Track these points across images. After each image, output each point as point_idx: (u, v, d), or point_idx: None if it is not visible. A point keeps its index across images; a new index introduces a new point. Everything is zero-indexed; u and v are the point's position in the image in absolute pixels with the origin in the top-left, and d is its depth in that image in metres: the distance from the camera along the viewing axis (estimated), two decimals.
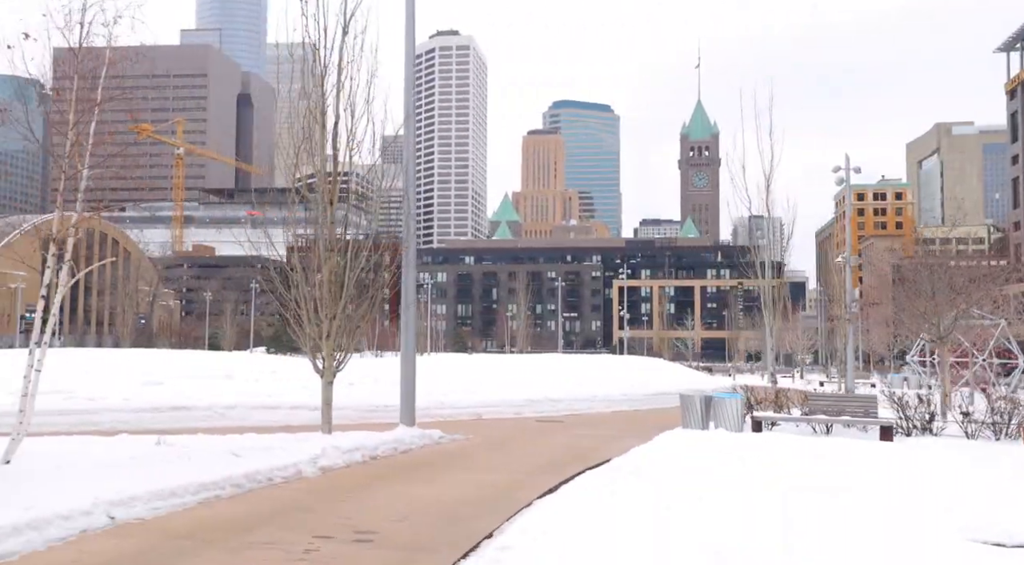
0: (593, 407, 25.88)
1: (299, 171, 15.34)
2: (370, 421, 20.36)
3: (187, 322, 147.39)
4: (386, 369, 24.37)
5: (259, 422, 18.94)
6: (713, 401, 18.25)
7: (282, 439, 14.48)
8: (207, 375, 21.01)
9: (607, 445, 17.12)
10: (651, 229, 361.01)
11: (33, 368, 10.96)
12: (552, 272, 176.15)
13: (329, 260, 15.12)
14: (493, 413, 23.09)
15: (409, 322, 17.21)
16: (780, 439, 16.18)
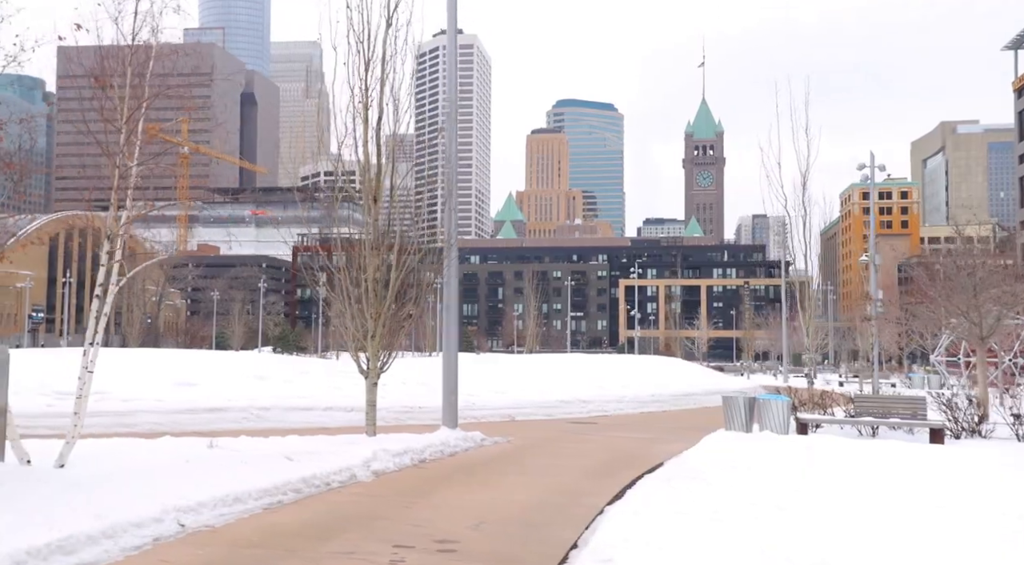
0: (622, 408, 25.59)
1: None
2: (405, 423, 20.09)
3: (193, 322, 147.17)
4: (417, 370, 24.08)
5: (295, 424, 18.65)
6: (758, 403, 17.93)
7: (327, 442, 14.19)
8: (239, 376, 20.71)
9: (651, 448, 16.82)
10: (654, 228, 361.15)
11: (87, 369, 10.67)
12: (558, 271, 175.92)
13: (375, 259, 14.81)
14: (524, 415, 22.79)
15: (451, 324, 16.92)
16: (830, 442, 15.84)
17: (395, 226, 15.26)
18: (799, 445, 15.48)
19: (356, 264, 15.07)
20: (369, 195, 15.02)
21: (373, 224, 15.03)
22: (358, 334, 14.95)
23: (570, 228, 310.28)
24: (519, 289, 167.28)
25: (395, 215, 15.24)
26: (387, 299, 14.84)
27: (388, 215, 15.33)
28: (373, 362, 15.09)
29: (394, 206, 15.23)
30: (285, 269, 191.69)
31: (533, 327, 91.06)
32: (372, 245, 14.95)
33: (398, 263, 14.97)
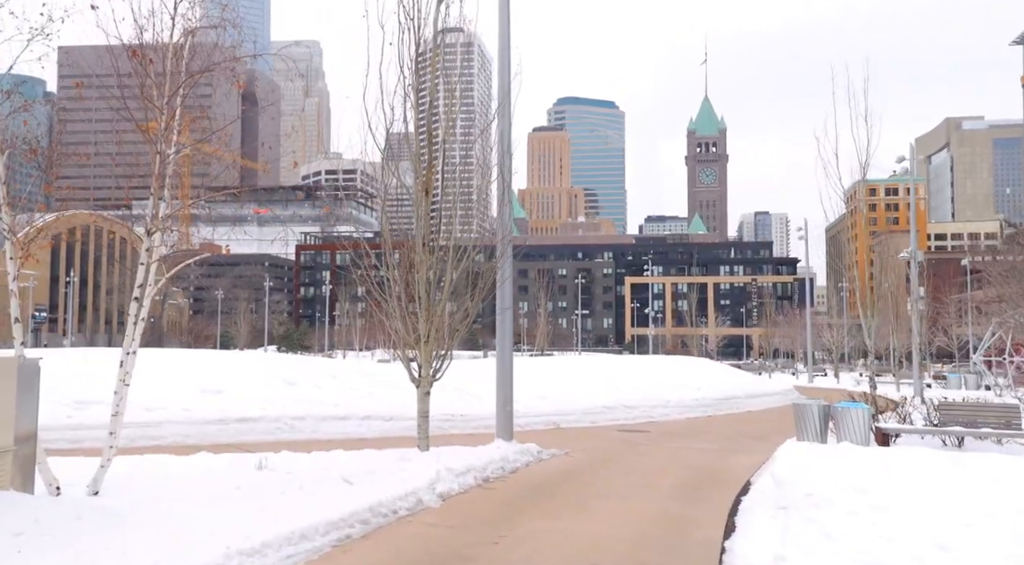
0: (668, 414, 24.23)
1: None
2: (448, 432, 18.73)
3: (197, 321, 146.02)
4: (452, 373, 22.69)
5: (333, 434, 17.31)
6: (836, 412, 16.55)
7: (379, 458, 12.83)
8: (266, 380, 19.32)
9: (725, 462, 15.47)
10: (657, 226, 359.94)
11: (123, 382, 9.33)
12: (563, 269, 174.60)
13: (427, 257, 13.45)
14: (569, 423, 21.44)
15: (506, 328, 15.53)
16: (922, 456, 14.45)
17: (449, 220, 13.88)
18: (890, 459, 14.10)
19: (405, 262, 13.72)
20: (420, 187, 13.66)
21: (425, 219, 13.67)
22: (408, 338, 13.58)
23: (573, 226, 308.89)
24: (524, 287, 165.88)
25: (449, 208, 13.85)
26: (441, 299, 13.49)
27: (440, 208, 13.96)
28: (426, 369, 13.73)
29: (446, 196, 13.85)
30: (288, 267, 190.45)
31: (544, 325, 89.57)
32: (424, 241, 13.59)
33: (453, 260, 13.60)
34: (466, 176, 14.14)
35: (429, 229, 13.70)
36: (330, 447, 14.53)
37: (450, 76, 14.19)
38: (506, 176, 14.60)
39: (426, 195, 13.75)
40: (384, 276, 13.75)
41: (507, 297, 15.39)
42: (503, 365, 15.52)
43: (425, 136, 13.76)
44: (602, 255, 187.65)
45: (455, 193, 14.00)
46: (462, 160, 14.28)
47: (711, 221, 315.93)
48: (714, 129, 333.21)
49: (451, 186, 14.16)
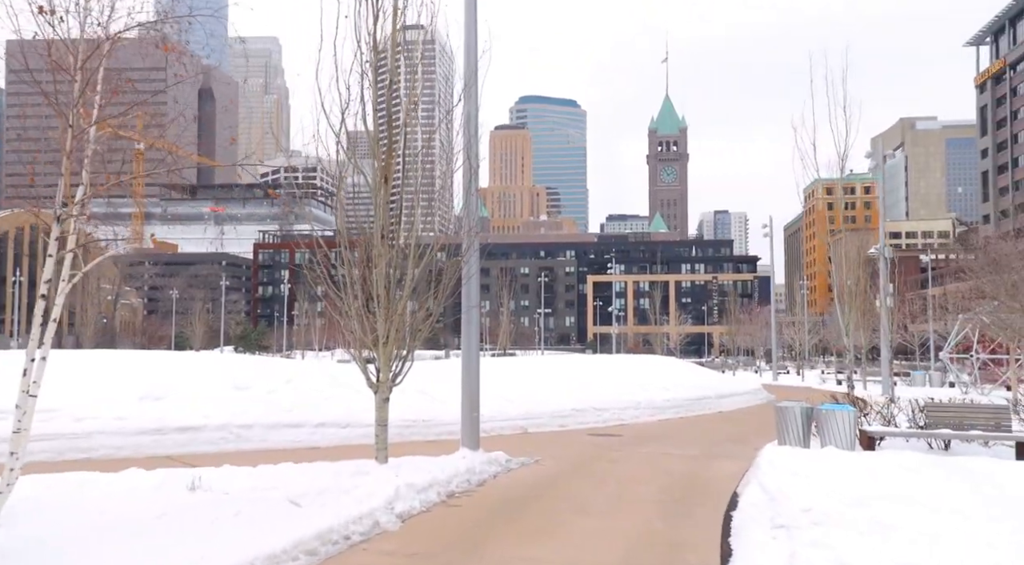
0: (639, 416, 23.27)
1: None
2: (409, 439, 17.53)
3: (151, 321, 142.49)
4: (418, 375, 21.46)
5: (284, 444, 16.00)
6: (819, 414, 15.70)
7: (331, 473, 11.58)
8: (214, 385, 17.91)
9: (706, 469, 14.49)
10: (618, 224, 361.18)
11: (28, 393, 7.99)
12: (525, 268, 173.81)
13: (386, 251, 12.24)
14: (537, 426, 20.34)
15: (472, 328, 14.36)
16: (912, 461, 13.61)
17: (410, 211, 12.68)
18: (882, 466, 13.23)
19: (363, 256, 12.50)
20: (379, 174, 12.43)
21: (383, 209, 12.45)
22: (365, 339, 12.37)
23: (536, 225, 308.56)
24: (486, 286, 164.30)
25: (410, 197, 12.64)
26: (403, 297, 12.29)
27: (401, 198, 12.75)
28: (384, 372, 12.51)
29: (407, 185, 12.63)
30: (246, 267, 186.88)
31: (507, 324, 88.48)
32: (383, 233, 12.37)
33: (414, 255, 12.42)
34: (429, 162, 12.94)
35: (388, 220, 12.48)
36: (279, 459, 13.25)
37: (412, 52, 12.98)
38: (472, 163, 13.44)
39: (385, 183, 12.54)
40: (340, 273, 12.52)
41: (473, 294, 14.23)
42: (469, 368, 14.36)
43: (384, 118, 12.54)
44: (564, 254, 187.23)
45: (417, 181, 12.79)
46: (425, 145, 13.07)
47: (672, 220, 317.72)
48: (675, 128, 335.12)
49: (413, 172, 12.94)
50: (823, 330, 76.98)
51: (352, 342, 12.48)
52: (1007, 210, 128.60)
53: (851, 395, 18.99)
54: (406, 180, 12.72)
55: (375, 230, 12.38)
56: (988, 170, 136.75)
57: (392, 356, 12.53)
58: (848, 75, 21.18)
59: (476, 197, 13.68)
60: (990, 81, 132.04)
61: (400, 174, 12.83)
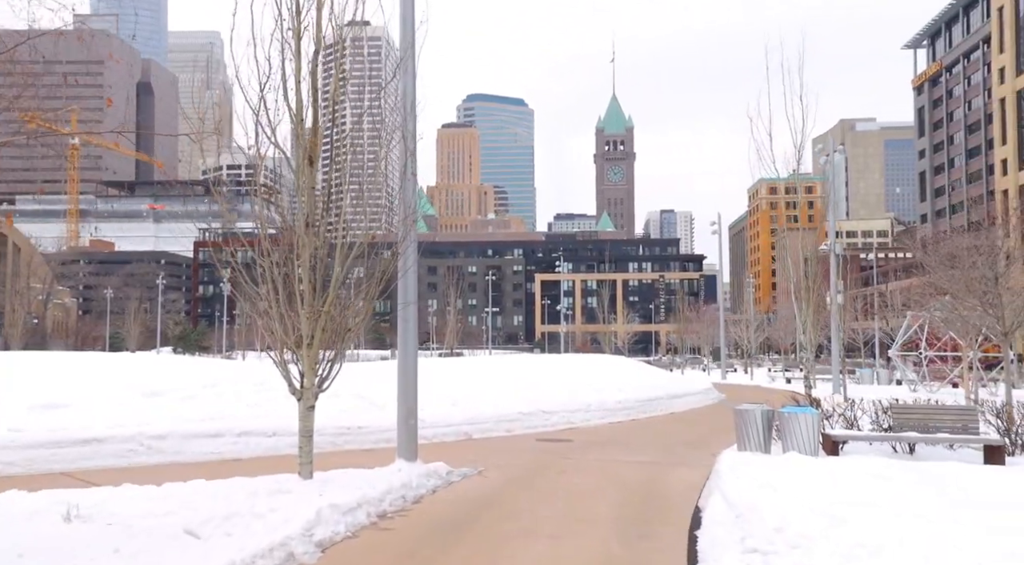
0: (590, 419, 22.20)
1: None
2: (343, 448, 16.17)
3: (85, 322, 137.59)
4: (349, 378, 20.07)
5: (200, 456, 14.49)
6: (780, 417, 14.79)
7: (246, 491, 10.20)
8: (125, 391, 16.29)
9: (662, 478, 13.44)
10: (566, 223, 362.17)
11: None
12: (473, 266, 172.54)
13: (311, 241, 10.90)
14: (482, 432, 19.11)
15: (409, 326, 13.05)
16: (884, 469, 12.74)
17: (339, 195, 11.36)
18: (849, 473, 12.34)
19: (286, 248, 11.13)
20: (303, 154, 11.06)
21: (308, 193, 11.09)
22: (287, 340, 11.01)
23: (483, 223, 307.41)
24: (433, 284, 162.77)
25: (340, 182, 11.29)
26: (329, 292, 10.96)
27: (330, 182, 11.41)
28: (309, 377, 11.16)
29: (335, 167, 11.28)
30: (186, 266, 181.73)
31: (454, 324, 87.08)
32: (308, 221, 11.02)
33: (343, 246, 11.10)
34: (359, 142, 11.58)
35: (314, 206, 11.12)
36: (193, 474, 11.81)
37: (343, 19, 11.62)
38: (409, 143, 12.14)
39: (310, 164, 11.17)
40: (259, 266, 11.14)
41: (411, 289, 12.94)
42: (406, 370, 13.05)
43: (310, 93, 11.17)
44: (512, 252, 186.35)
45: (346, 164, 11.45)
46: (355, 123, 11.73)
47: (619, 219, 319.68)
48: (621, 127, 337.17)
49: (342, 155, 11.59)
50: (769, 328, 77.35)
51: (273, 344, 11.10)
52: (943, 209, 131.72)
53: (810, 396, 18.21)
54: (335, 163, 11.37)
55: (299, 216, 11.02)
56: (925, 171, 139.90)
57: (318, 359, 11.19)
58: (804, 63, 20.43)
59: (414, 182, 12.40)
60: (927, 83, 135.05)
61: (329, 156, 11.48)
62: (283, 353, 11.13)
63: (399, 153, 12.74)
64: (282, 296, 10.94)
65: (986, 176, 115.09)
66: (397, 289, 12.95)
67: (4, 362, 18.01)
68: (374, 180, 11.33)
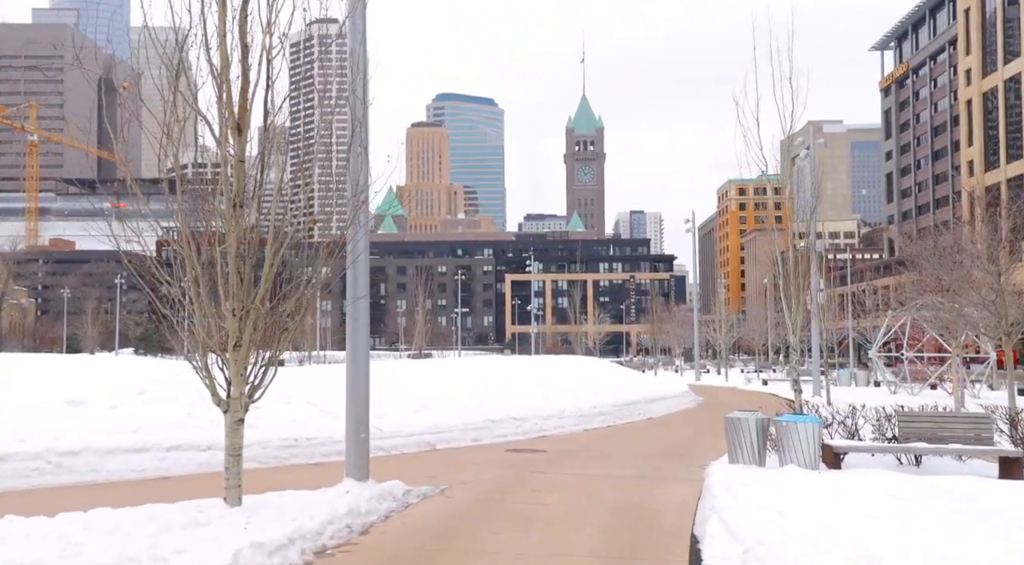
0: (563, 426, 20.61)
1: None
2: (288, 463, 14.42)
3: (43, 322, 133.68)
4: (301, 382, 18.33)
5: (121, 474, 12.67)
6: (777, 426, 13.31)
7: (155, 526, 8.43)
8: (39, 399, 14.39)
9: (647, 498, 11.86)
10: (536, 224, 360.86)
11: None
12: (442, 266, 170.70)
13: (239, 224, 9.18)
14: (447, 441, 17.43)
15: (360, 325, 11.31)
16: (893, 483, 11.30)
17: (271, 169, 9.63)
18: (861, 491, 10.86)
19: (209, 234, 9.41)
20: (230, 120, 9.32)
21: (237, 168, 9.36)
22: (210, 342, 9.27)
23: (453, 223, 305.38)
24: (402, 285, 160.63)
25: (273, 154, 9.57)
26: (261, 286, 9.24)
27: (263, 154, 9.67)
28: (237, 386, 9.42)
29: (270, 138, 9.55)
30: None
31: (422, 324, 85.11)
32: (235, 201, 9.29)
33: (274, 241, 9.40)
34: (300, 109, 9.88)
35: (243, 183, 9.39)
36: (101, 498, 10.03)
37: None
38: (357, 112, 10.42)
39: (239, 133, 9.43)
40: (177, 255, 9.41)
41: (361, 281, 11.23)
42: (356, 377, 11.32)
43: (238, 45, 9.41)
44: (482, 252, 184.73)
45: (273, 132, 9.71)
46: (295, 88, 10.00)
47: (589, 219, 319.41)
48: (592, 128, 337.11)
49: (278, 124, 9.85)
50: (741, 328, 76.47)
51: (192, 346, 9.36)
52: (910, 211, 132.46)
53: (800, 401, 16.78)
54: (269, 133, 9.63)
55: (224, 195, 9.29)
56: (892, 172, 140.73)
57: (249, 364, 9.46)
58: (794, 43, 19.04)
59: (365, 157, 10.69)
60: (894, 85, 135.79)
61: (264, 121, 9.74)
62: (206, 357, 9.38)
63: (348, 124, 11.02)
64: (203, 289, 9.20)
65: (952, 177, 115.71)
66: (347, 279, 11.26)
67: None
68: (314, 155, 9.61)
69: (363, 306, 11.18)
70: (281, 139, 9.52)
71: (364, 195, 10.82)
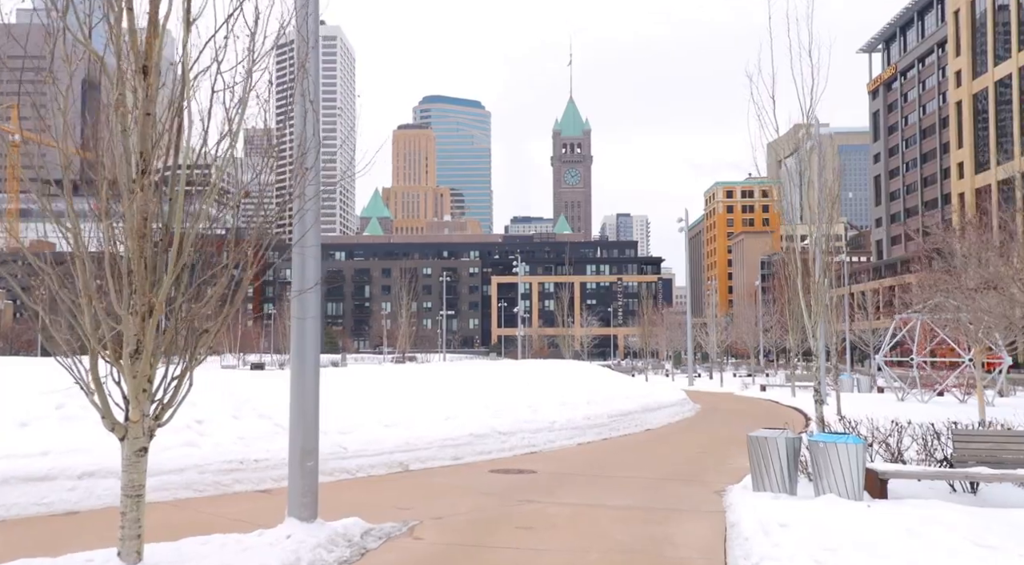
0: (554, 440, 18.41)
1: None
2: (232, 491, 12.16)
3: (21, 323, 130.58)
4: (258, 391, 16.07)
5: (18, 509, 10.31)
6: (812, 448, 11.18)
7: None
8: None
9: (660, 539, 9.65)
10: (523, 226, 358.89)
11: None
12: (428, 268, 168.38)
13: (144, 195, 6.97)
14: (423, 460, 15.20)
15: (308, 327, 9.08)
16: (962, 521, 9.22)
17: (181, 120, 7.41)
18: (926, 528, 8.77)
19: (103, 202, 7.21)
20: (132, 56, 7.12)
21: (143, 120, 7.14)
22: (96, 345, 7.05)
23: (439, 224, 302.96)
24: (387, 287, 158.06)
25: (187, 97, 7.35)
26: (168, 273, 7.03)
27: (174, 105, 7.45)
28: (137, 404, 7.19)
29: (187, 85, 7.35)
30: None
31: (406, 327, 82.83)
32: (141, 164, 7.07)
33: (181, 200, 7.20)
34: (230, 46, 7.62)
35: (148, 140, 7.16)
36: None
37: None
38: (301, 51, 8.18)
39: (144, 75, 7.21)
40: (56, 231, 7.20)
41: (310, 270, 8.99)
42: (303, 392, 9.07)
43: None
44: (468, 254, 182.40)
45: (187, 74, 7.49)
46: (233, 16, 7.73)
47: (576, 222, 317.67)
48: (579, 130, 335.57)
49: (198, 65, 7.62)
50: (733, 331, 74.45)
51: (70, 349, 7.11)
52: (898, 213, 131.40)
53: (821, 413, 14.68)
54: (187, 75, 7.41)
55: (120, 155, 7.07)
56: (880, 174, 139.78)
57: (152, 376, 7.24)
58: (814, 10, 16.97)
59: (316, 113, 8.45)
60: (882, 87, 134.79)
61: (182, 57, 7.52)
62: (96, 367, 7.15)
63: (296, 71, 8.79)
64: (87, 276, 6.98)
65: (941, 180, 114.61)
66: (292, 270, 9.04)
67: None
68: (242, 96, 7.39)
69: (312, 301, 8.95)
70: (188, 82, 7.26)
71: (317, 164, 8.60)
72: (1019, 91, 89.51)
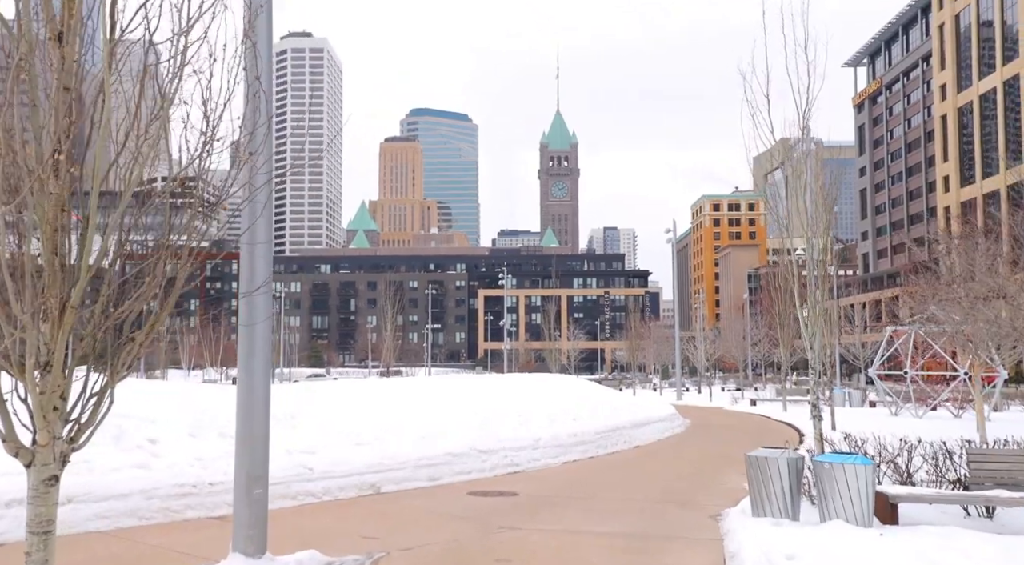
0: (538, 459, 17.38)
1: None
2: (183, 518, 11.09)
3: None
4: (222, 407, 14.99)
5: None
6: (817, 469, 10.24)
7: None
8: None
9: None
10: (510, 240, 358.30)
11: None
12: (414, 281, 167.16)
13: (61, 184, 5.97)
14: (396, 482, 14.13)
15: (256, 334, 8.07)
16: (976, 547, 8.30)
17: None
18: (938, 556, 7.85)
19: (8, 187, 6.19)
20: (46, 20, 6.14)
21: (58, 93, 6.16)
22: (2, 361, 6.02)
23: (426, 237, 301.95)
24: (373, 300, 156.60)
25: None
26: (81, 270, 6.03)
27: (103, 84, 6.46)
28: (45, 425, 6.16)
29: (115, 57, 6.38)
30: None
31: (391, 340, 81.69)
32: (57, 146, 6.08)
33: (96, 182, 6.21)
34: None
35: (65, 113, 6.17)
36: None
37: None
38: (252, 16, 7.20)
39: (58, 43, 6.23)
40: None
41: (260, 269, 7.97)
42: (250, 411, 8.06)
43: None
44: (455, 267, 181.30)
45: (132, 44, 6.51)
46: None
47: (563, 235, 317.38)
48: (566, 143, 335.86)
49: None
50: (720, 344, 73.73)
51: None
52: (884, 227, 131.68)
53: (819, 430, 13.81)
54: (109, 41, 6.42)
55: (21, 134, 6.08)
56: (866, 188, 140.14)
57: (66, 392, 6.21)
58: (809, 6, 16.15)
59: (269, 79, 7.47)
60: (867, 101, 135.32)
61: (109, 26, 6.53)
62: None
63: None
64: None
65: (926, 193, 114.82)
66: (240, 269, 8.03)
67: None
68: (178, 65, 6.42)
69: (262, 305, 7.94)
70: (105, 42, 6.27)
71: (268, 148, 7.61)
72: (1004, 105, 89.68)
